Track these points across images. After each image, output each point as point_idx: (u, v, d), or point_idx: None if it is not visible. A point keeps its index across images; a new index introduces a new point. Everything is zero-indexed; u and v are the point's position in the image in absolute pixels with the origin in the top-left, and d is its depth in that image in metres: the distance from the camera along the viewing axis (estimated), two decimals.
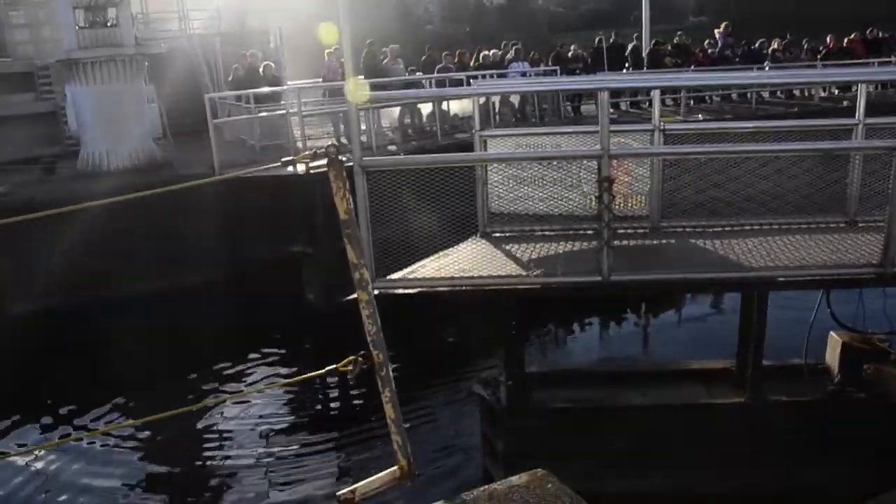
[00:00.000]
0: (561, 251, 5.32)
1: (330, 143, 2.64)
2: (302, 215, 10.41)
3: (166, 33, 18.76)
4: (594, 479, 4.88)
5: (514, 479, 2.69)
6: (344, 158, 2.54)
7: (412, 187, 4.91)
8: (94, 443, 7.41)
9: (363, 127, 11.79)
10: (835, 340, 6.15)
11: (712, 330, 8.87)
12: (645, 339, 9.57)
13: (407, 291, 4.83)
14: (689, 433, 5.47)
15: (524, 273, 4.84)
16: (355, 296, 2.60)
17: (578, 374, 6.12)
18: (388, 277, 4.84)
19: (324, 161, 2.43)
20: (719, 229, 5.67)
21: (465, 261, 5.03)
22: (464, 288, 4.78)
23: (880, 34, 22.00)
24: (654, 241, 5.41)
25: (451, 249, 5.31)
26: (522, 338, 5.57)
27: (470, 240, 5.43)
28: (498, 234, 5.62)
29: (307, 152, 2.53)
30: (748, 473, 5.49)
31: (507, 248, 5.37)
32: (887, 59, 19.60)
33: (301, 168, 9.14)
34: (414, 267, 5.02)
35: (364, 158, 4.65)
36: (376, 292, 4.60)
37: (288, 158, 2.69)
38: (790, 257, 4.87)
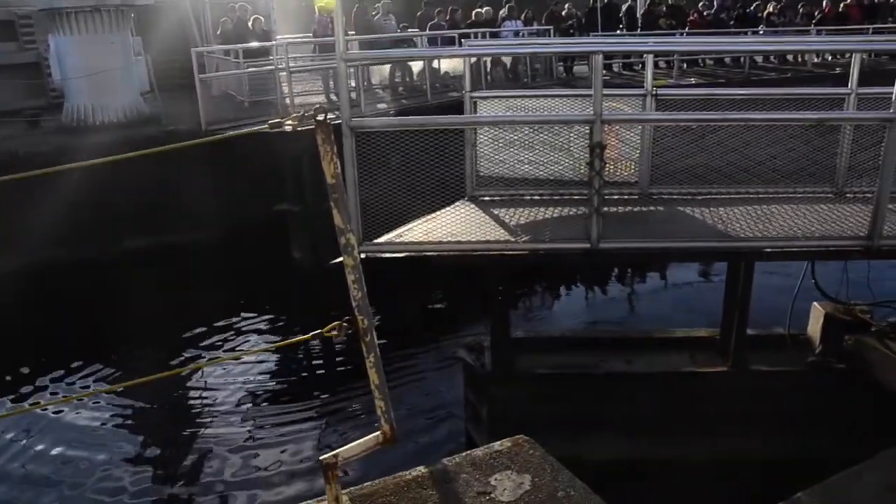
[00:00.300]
0: (549, 216, 5.28)
1: (318, 102, 2.60)
2: (289, 174, 10.42)
3: None
4: (578, 446, 4.91)
5: (496, 446, 2.70)
6: (332, 116, 2.48)
7: (401, 148, 4.82)
8: (75, 406, 7.31)
9: (352, 84, 11.63)
10: (817, 311, 6.19)
11: (698, 297, 8.91)
12: (630, 305, 9.60)
13: (394, 255, 4.78)
14: (672, 401, 5.52)
15: (512, 239, 4.80)
16: (340, 260, 2.58)
17: (563, 339, 6.13)
18: (374, 241, 4.78)
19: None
20: (708, 196, 5.63)
21: (453, 225, 4.98)
22: (451, 253, 4.74)
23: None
24: (643, 208, 5.38)
25: (438, 213, 5.25)
26: (508, 303, 5.55)
27: (458, 203, 5.37)
28: (486, 198, 5.56)
29: (295, 114, 2.47)
30: (731, 441, 5.56)
31: (495, 212, 5.32)
32: (883, 25, 19.41)
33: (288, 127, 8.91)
34: (401, 230, 4.97)
35: (353, 119, 4.54)
36: (363, 256, 4.56)
37: (275, 121, 2.60)
38: (778, 227, 4.85)
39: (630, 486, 5.03)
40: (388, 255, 4.78)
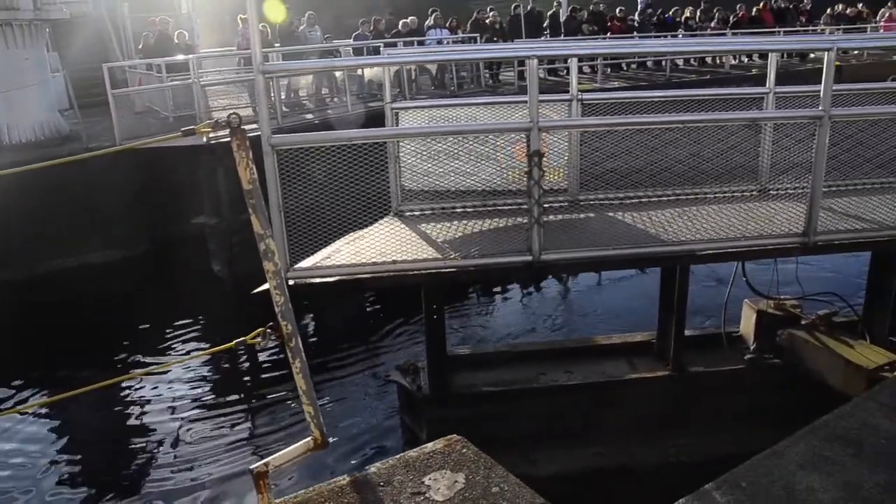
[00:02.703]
0: (482, 229, 5.08)
1: (232, 112, 2.56)
2: (205, 186, 10.38)
3: None
4: (525, 464, 4.78)
5: (430, 446, 2.72)
6: (250, 127, 2.51)
7: (324, 163, 4.53)
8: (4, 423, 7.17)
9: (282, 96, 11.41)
10: (749, 308, 6.25)
11: (632, 300, 8.93)
12: (567, 312, 9.55)
13: (324, 280, 4.45)
14: (614, 409, 5.43)
15: (448, 255, 4.54)
16: (266, 286, 2.58)
17: (501, 354, 5.96)
18: (302, 267, 4.44)
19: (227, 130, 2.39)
20: (637, 200, 5.58)
21: (384, 243, 4.69)
22: (386, 274, 4.45)
23: (784, 4, 22.76)
24: (576, 216, 5.25)
25: (365, 231, 4.98)
26: (443, 320, 5.34)
27: (384, 220, 5.11)
28: (414, 213, 5.33)
29: (208, 121, 2.50)
30: (675, 445, 5.52)
31: (426, 227, 5.09)
32: (792, 29, 20.29)
33: (203, 138, 8.73)
34: (328, 251, 4.65)
35: (274, 136, 4.19)
36: (291, 282, 4.27)
37: (188, 128, 2.57)
38: (711, 228, 4.79)
39: (582, 499, 4.92)
40: (318, 280, 4.45)
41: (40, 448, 6.84)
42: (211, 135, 2.69)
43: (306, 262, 4.49)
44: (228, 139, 2.41)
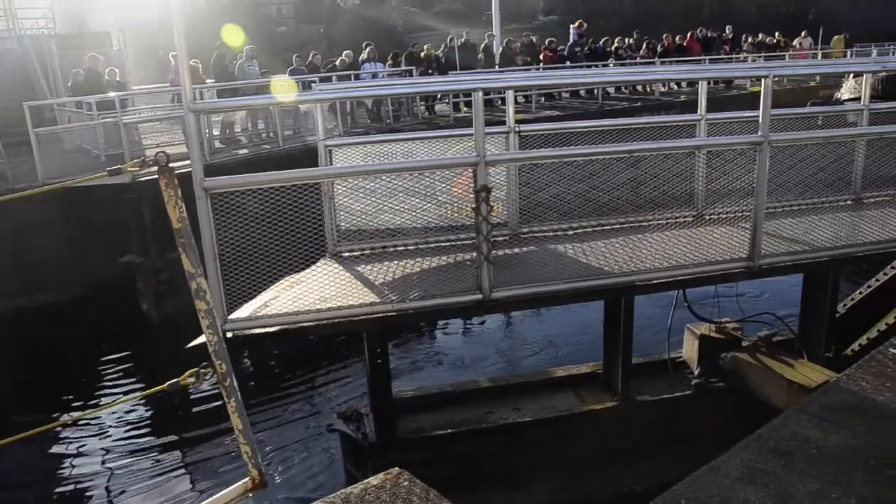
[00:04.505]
0: (423, 267, 4.94)
1: (159, 150, 2.55)
2: (133, 225, 10.43)
3: None
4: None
5: (372, 480, 2.67)
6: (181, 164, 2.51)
7: (256, 201, 4.30)
8: None
9: (216, 132, 11.20)
10: (692, 333, 6.28)
11: (576, 328, 8.95)
12: (511, 344, 9.50)
13: (265, 330, 4.18)
14: (565, 444, 5.33)
15: (394, 297, 4.34)
16: (202, 339, 2.54)
17: (447, 395, 5.79)
18: (238, 316, 4.16)
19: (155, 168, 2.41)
20: (581, 230, 5.55)
21: (323, 287, 4.47)
22: (329, 321, 4.22)
23: (709, 33, 23.75)
24: (518, 250, 5.18)
25: (302, 274, 4.75)
26: (387, 364, 5.15)
27: (321, 262, 4.89)
28: (350, 254, 5.14)
29: (135, 160, 2.48)
30: (629, 475, 5.44)
31: (365, 268, 4.91)
32: (718, 56, 21.17)
33: (129, 177, 8.84)
34: (265, 298, 4.39)
35: (207, 179, 3.90)
36: (230, 335, 4.01)
37: (114, 168, 2.55)
38: (654, 257, 4.76)
39: None
40: (257, 330, 4.19)
41: None
42: (140, 172, 2.63)
43: (243, 311, 4.22)
44: (156, 177, 2.39)
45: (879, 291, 6.95)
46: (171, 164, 2.48)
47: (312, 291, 4.42)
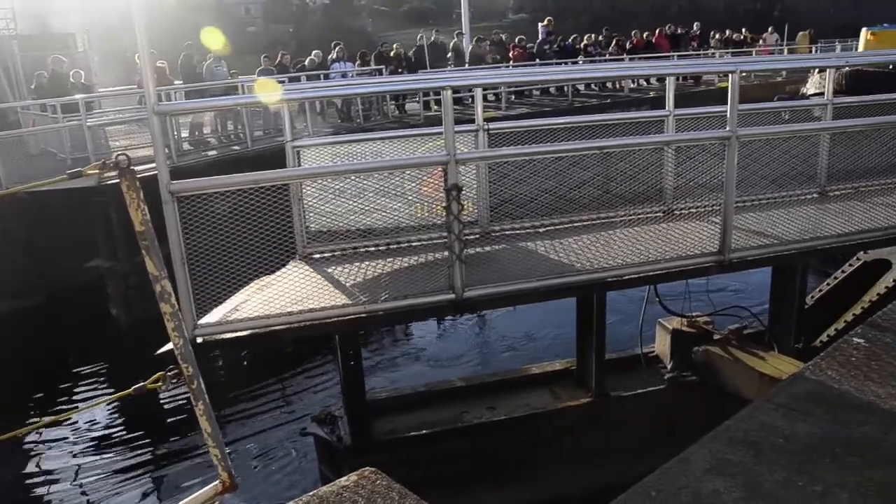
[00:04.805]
0: (394, 268, 4.88)
1: (120, 152, 2.52)
2: (100, 229, 10.32)
3: None
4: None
5: (342, 481, 2.66)
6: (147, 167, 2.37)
7: (225, 202, 4.20)
8: None
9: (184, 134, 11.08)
10: (664, 327, 6.33)
11: (549, 323, 8.96)
12: (485, 342, 9.50)
13: (236, 335, 4.10)
14: (541, 441, 5.33)
15: (366, 298, 4.28)
16: (169, 346, 2.53)
17: (422, 395, 5.76)
18: (209, 321, 4.06)
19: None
20: (551, 228, 5.53)
21: (294, 290, 4.39)
22: (301, 324, 4.14)
23: (677, 30, 24.01)
24: (489, 248, 5.15)
25: (272, 277, 4.67)
26: (360, 366, 5.10)
27: (290, 264, 4.82)
28: (320, 256, 5.08)
29: (96, 163, 2.49)
30: (604, 470, 5.44)
31: (336, 270, 4.84)
32: (686, 53, 21.41)
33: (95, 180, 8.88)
34: (235, 302, 4.30)
35: (174, 183, 3.79)
36: (200, 340, 3.93)
37: (74, 171, 2.51)
38: (626, 252, 4.75)
39: None
40: (228, 335, 4.10)
41: None
42: (107, 175, 2.63)
43: (213, 316, 4.13)
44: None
45: (845, 283, 7.09)
46: (133, 167, 2.45)
47: (283, 294, 4.34)
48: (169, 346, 2.64)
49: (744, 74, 4.89)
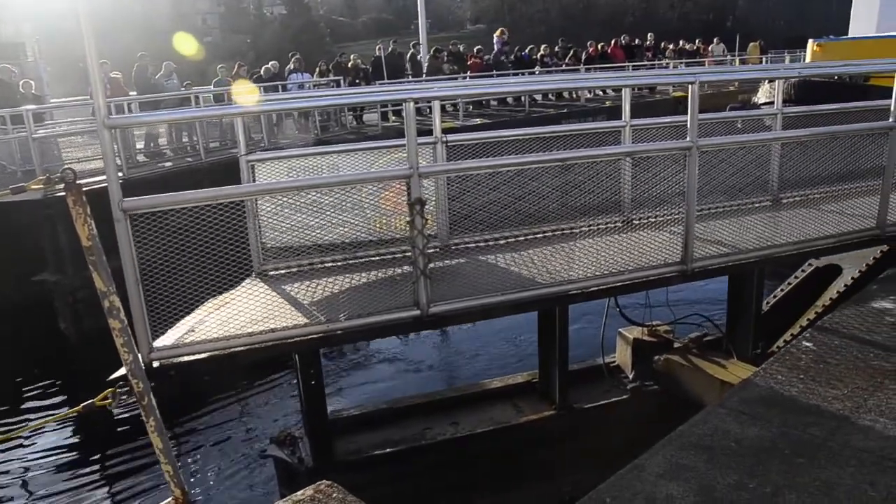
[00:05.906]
0: (354, 284, 4.78)
1: (66, 167, 2.49)
2: (47, 243, 10.15)
3: None
4: None
5: (298, 494, 2.66)
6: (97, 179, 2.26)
7: (176, 219, 4.04)
8: None
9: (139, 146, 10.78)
10: (624, 337, 6.35)
11: (510, 335, 8.96)
12: (446, 355, 9.44)
13: (194, 358, 3.91)
14: (505, 456, 5.28)
15: (327, 317, 4.15)
16: (123, 371, 2.57)
17: (384, 412, 5.65)
18: (164, 344, 3.86)
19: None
20: (512, 240, 5.50)
21: (252, 310, 4.24)
22: (262, 345, 3.98)
23: (632, 41, 24.44)
24: (450, 262, 5.08)
25: (228, 295, 4.51)
26: (321, 385, 4.98)
27: (247, 282, 4.68)
28: (276, 272, 4.95)
29: (40, 178, 2.52)
30: (570, 482, 5.41)
31: (294, 287, 4.71)
32: (641, 63, 21.79)
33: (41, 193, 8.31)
34: (191, 322, 4.11)
35: (126, 200, 3.55)
36: (156, 364, 3.74)
37: (17, 185, 2.50)
38: (587, 264, 4.72)
39: None
40: (186, 358, 3.92)
41: None
42: (54, 188, 2.61)
43: (169, 338, 3.94)
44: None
45: (799, 288, 7.22)
46: (79, 182, 2.42)
47: (241, 314, 4.19)
48: (122, 370, 2.63)
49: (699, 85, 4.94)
